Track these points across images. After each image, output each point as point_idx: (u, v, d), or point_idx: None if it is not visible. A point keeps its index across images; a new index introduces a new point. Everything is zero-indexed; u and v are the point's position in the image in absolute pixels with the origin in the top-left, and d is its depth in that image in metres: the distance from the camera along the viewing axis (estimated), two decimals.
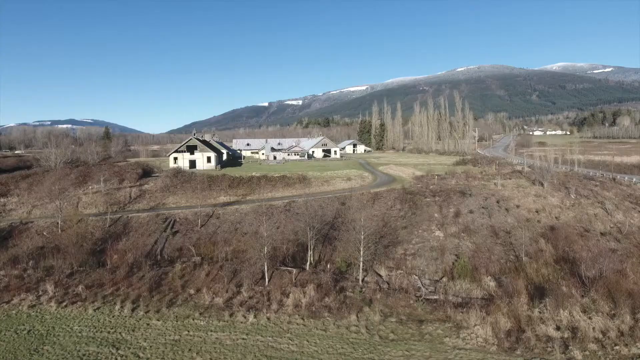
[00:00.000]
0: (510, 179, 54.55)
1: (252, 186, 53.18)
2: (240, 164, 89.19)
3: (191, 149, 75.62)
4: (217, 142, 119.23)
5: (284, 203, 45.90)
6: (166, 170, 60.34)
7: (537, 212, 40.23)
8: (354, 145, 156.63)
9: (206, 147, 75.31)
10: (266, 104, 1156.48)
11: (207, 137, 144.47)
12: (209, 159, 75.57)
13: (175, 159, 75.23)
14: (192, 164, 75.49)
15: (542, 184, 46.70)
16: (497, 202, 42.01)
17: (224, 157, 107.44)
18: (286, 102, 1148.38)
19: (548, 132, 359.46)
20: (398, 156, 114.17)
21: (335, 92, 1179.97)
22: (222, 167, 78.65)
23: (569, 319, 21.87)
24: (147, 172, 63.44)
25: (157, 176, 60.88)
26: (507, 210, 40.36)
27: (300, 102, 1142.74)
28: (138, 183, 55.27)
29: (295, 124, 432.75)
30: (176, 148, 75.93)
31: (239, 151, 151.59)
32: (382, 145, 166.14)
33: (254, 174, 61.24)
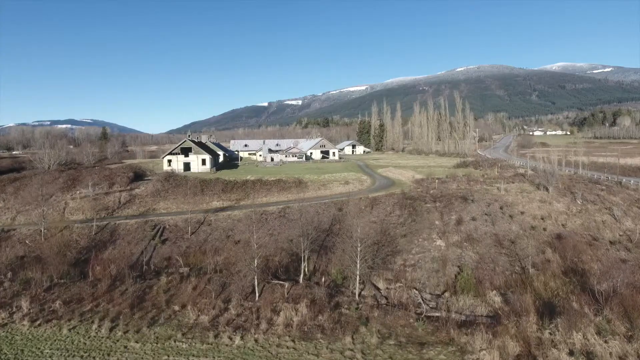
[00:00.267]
0: (513, 182, 52.74)
1: (246, 190, 51.38)
2: (236, 166, 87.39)
3: (185, 151, 73.76)
4: (213, 143, 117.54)
5: (279, 209, 44.11)
6: (158, 173, 58.47)
7: (542, 219, 38.44)
8: (353, 146, 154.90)
9: (201, 150, 73.48)
10: (266, 104, 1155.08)
11: (203, 138, 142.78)
12: (203, 162, 73.71)
13: (170, 161, 73.38)
14: (187, 166, 73.64)
15: (547, 189, 44.92)
16: (501, 208, 40.22)
17: (220, 158, 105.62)
18: (286, 102, 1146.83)
19: (548, 133, 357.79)
20: (397, 157, 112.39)
21: (334, 92, 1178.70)
22: (217, 169, 76.82)
23: (582, 342, 20.11)
24: (139, 176, 61.57)
25: (149, 180, 59.04)
26: (511, 217, 38.56)
27: (299, 102, 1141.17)
28: (128, 187, 53.44)
29: (294, 124, 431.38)
30: (170, 150, 74.10)
31: (236, 152, 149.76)
32: (382, 146, 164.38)
33: (249, 177, 59.42)
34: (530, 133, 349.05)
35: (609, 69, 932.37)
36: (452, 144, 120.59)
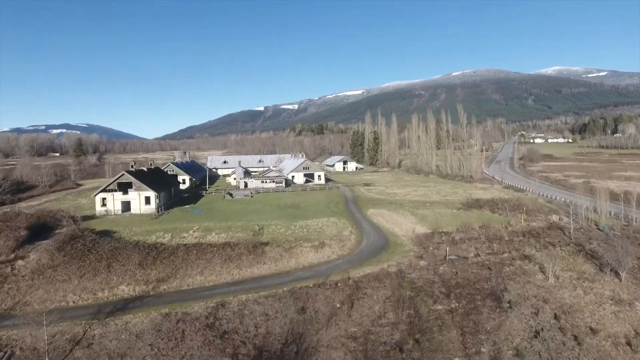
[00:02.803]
0: (553, 246, 37.75)
1: (175, 263, 35.78)
2: (198, 198, 71.79)
3: (124, 187, 58.15)
4: (184, 164, 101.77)
5: (209, 309, 28.57)
6: (58, 234, 42.54)
7: (628, 344, 23.36)
8: (344, 163, 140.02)
9: (143, 185, 57.79)
10: (262, 109, 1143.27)
11: (177, 155, 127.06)
12: (147, 200, 58.09)
13: (104, 200, 57.72)
14: (126, 206, 58.02)
15: (616, 273, 29.89)
16: (556, 318, 25.10)
17: (186, 183, 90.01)
18: (282, 107, 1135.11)
19: (549, 140, 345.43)
20: (393, 180, 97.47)
21: (331, 96, 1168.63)
22: (168, 207, 61.23)
23: None
24: (45, 229, 45.76)
25: (58, 233, 43.44)
26: (577, 341, 23.41)
27: (296, 107, 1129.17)
28: (13, 255, 37.62)
29: (288, 131, 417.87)
30: (104, 186, 58.40)
31: (214, 170, 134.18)
32: (376, 160, 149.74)
33: (190, 232, 43.95)
34: (531, 140, 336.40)
35: (603, 73, 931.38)
36: (456, 162, 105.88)
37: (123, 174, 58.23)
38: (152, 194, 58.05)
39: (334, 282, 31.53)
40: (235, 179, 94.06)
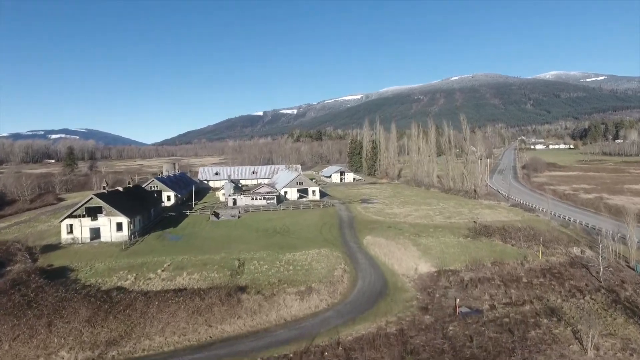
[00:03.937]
0: (582, 294, 32.00)
1: (132, 318, 29.79)
2: (183, 218, 65.94)
3: (94, 212, 52.30)
4: (170, 178, 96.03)
5: None
6: (5, 274, 36.53)
7: None
8: (341, 174, 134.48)
9: (115, 210, 51.92)
10: (261, 113, 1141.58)
11: (164, 168, 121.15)
12: (119, 226, 52.20)
13: (71, 226, 51.83)
14: (96, 233, 52.11)
15: None
16: None
17: (171, 200, 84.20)
18: (281, 111, 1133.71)
19: (550, 146, 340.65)
20: (392, 194, 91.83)
21: (330, 101, 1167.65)
22: (144, 232, 55.41)
23: None
24: None
25: (8, 272, 37.60)
26: None
27: (295, 112, 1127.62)
28: None
29: (286, 137, 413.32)
30: (70, 211, 52.54)
31: (205, 182, 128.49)
32: (374, 170, 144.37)
33: (159, 272, 38.10)
34: (532, 147, 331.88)
35: (602, 78, 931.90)
36: (458, 174, 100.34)
37: (92, 198, 52.35)
38: (124, 219, 52.15)
39: (319, 349, 25.62)
40: (224, 194, 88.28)
